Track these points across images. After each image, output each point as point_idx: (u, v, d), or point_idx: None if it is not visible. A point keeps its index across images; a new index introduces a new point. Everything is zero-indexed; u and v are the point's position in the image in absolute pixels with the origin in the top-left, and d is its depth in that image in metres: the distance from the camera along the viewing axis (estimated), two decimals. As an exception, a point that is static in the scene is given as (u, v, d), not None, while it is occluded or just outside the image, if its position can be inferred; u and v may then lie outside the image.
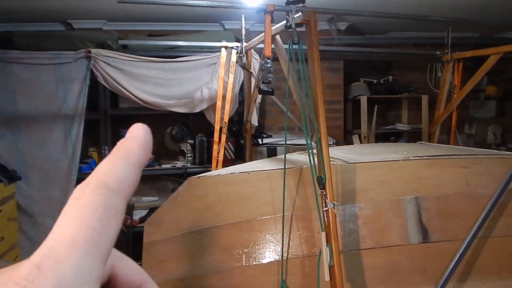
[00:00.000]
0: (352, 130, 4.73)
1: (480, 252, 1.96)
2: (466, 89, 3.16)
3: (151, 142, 0.29)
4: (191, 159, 3.81)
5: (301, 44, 1.69)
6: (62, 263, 0.22)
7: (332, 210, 1.58)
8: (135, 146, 0.28)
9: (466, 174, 2.08)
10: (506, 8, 3.71)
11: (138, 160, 0.27)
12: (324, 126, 1.65)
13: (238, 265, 1.96)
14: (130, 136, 0.28)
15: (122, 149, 0.27)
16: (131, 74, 3.44)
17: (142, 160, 0.27)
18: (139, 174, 0.27)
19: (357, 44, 4.38)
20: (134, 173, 0.27)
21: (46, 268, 0.21)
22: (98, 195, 0.25)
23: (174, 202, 2.23)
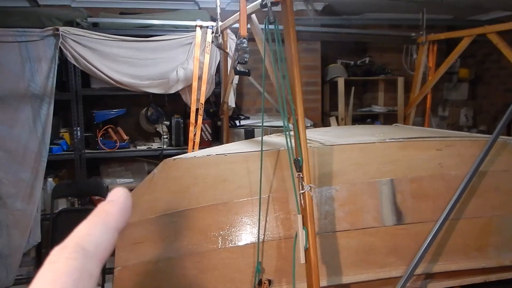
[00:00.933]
0: (329, 112, 4.74)
1: (451, 234, 2.01)
2: (440, 71, 3.19)
3: (130, 207, 0.30)
4: (167, 140, 3.75)
5: (277, 23, 1.66)
6: None
7: (308, 193, 1.57)
8: (114, 210, 0.29)
9: (439, 156, 2.11)
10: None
11: (116, 225, 0.28)
12: (301, 108, 1.63)
13: (214, 248, 1.95)
14: (109, 199, 0.29)
15: (102, 213, 0.28)
16: (103, 54, 3.33)
17: (120, 224, 0.29)
18: (116, 238, 0.28)
19: (333, 24, 4.36)
20: (111, 238, 0.28)
21: None
22: (74, 259, 0.25)
23: (149, 184, 2.19)
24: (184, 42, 3.44)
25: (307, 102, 4.35)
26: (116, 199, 0.29)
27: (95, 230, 0.27)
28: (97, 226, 0.28)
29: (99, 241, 0.27)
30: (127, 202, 0.30)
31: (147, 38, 3.44)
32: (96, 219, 0.28)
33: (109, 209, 0.29)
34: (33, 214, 3.33)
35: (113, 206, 0.29)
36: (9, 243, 3.30)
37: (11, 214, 3.28)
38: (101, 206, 0.29)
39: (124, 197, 0.30)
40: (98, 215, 0.28)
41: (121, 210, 0.29)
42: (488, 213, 2.07)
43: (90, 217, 0.28)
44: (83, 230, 0.27)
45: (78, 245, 0.26)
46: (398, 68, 4.84)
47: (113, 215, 0.29)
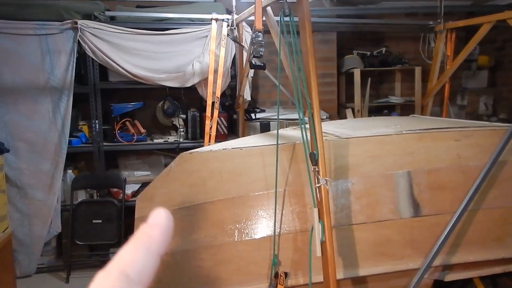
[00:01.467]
0: (345, 104, 4.71)
1: (469, 225, 1.99)
2: (459, 59, 3.13)
3: (172, 229, 0.29)
4: (183, 134, 3.78)
5: (292, 16, 1.65)
6: None
7: (324, 187, 1.58)
8: (156, 234, 0.28)
9: (457, 147, 2.08)
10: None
11: (158, 249, 0.28)
12: (317, 101, 1.63)
13: (230, 240, 1.97)
14: (151, 222, 0.29)
15: (144, 237, 0.28)
16: (120, 47, 3.36)
17: (162, 249, 0.28)
18: (158, 263, 0.28)
19: (349, 15, 4.30)
20: (153, 263, 0.28)
21: None
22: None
23: (166, 177, 2.22)
24: (200, 35, 3.45)
25: (322, 94, 4.32)
26: (158, 222, 0.29)
27: (138, 256, 0.27)
28: (140, 251, 0.28)
29: (142, 267, 0.27)
30: (168, 224, 0.29)
31: (163, 32, 3.46)
32: (138, 243, 0.28)
33: (151, 233, 0.28)
34: (54, 204, 3.41)
35: (155, 230, 0.29)
36: (30, 232, 3.40)
37: (32, 204, 3.37)
38: (143, 230, 0.29)
39: (166, 219, 0.29)
40: (141, 239, 0.28)
41: (163, 233, 0.29)
42: (507, 203, 2.04)
43: (132, 241, 0.28)
44: (127, 256, 0.27)
45: (122, 273, 0.26)
46: (415, 58, 4.76)
47: (155, 239, 0.28)
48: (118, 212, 3.45)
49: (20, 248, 3.38)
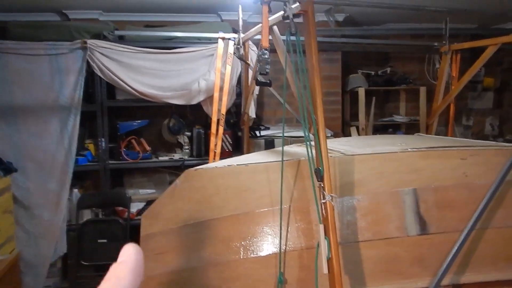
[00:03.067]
0: (350, 122, 4.72)
1: (478, 243, 1.97)
2: (463, 80, 3.15)
3: (142, 264, 0.29)
4: (188, 151, 3.80)
5: (298, 35, 1.67)
6: None
7: (330, 203, 1.57)
8: (125, 273, 0.28)
9: (464, 165, 2.07)
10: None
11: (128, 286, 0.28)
12: (322, 118, 1.64)
13: (236, 258, 1.95)
14: (121, 260, 0.29)
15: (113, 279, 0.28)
16: (128, 66, 3.41)
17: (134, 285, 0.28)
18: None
19: (355, 35, 4.36)
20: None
21: None
22: None
23: (171, 194, 2.22)
24: (206, 54, 3.50)
25: (327, 112, 4.34)
26: (127, 259, 0.29)
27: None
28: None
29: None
30: (138, 260, 0.29)
31: (171, 50, 3.51)
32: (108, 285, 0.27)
33: (120, 274, 0.28)
34: (60, 224, 3.41)
35: (124, 269, 0.28)
36: (37, 252, 3.38)
37: (39, 224, 3.36)
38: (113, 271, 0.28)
39: (135, 255, 0.29)
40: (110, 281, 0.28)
41: (132, 270, 0.29)
42: (516, 223, 2.02)
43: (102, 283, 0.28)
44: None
45: None
46: (420, 78, 4.80)
47: (125, 278, 0.28)
48: (123, 231, 3.44)
49: (26, 270, 3.35)
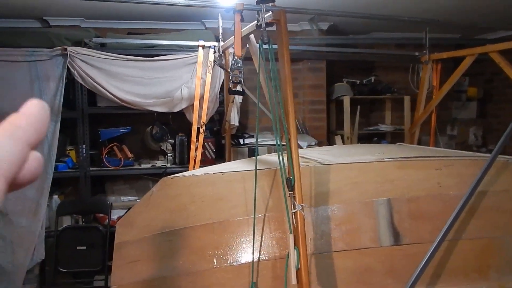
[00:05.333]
0: (335, 130, 4.73)
1: (450, 255, 1.97)
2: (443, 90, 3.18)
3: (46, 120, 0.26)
4: (171, 158, 3.77)
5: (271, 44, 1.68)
6: None
7: (300, 213, 1.57)
8: (23, 123, 0.25)
9: (438, 176, 2.08)
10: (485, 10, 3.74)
11: (26, 139, 0.25)
12: (294, 127, 1.64)
13: (210, 267, 1.93)
14: (21, 112, 0.26)
15: (7, 126, 0.25)
16: (109, 73, 3.39)
17: (32, 139, 0.25)
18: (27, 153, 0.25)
19: (339, 44, 4.38)
20: (18, 152, 0.24)
21: None
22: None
23: (147, 202, 2.20)
24: (188, 62, 3.49)
25: (312, 121, 4.35)
26: (28, 111, 0.26)
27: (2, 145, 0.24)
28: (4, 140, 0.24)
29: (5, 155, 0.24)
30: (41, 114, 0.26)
31: (153, 58, 3.50)
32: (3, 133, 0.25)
33: (17, 122, 0.25)
34: (38, 231, 3.36)
35: (23, 119, 0.26)
36: (13, 259, 3.32)
37: (16, 231, 3.31)
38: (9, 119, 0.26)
39: (38, 109, 0.26)
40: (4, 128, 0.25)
41: (33, 123, 0.26)
42: (489, 234, 2.03)
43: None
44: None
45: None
46: (405, 87, 4.83)
47: (23, 128, 0.25)
48: (103, 238, 3.40)
49: (1, 276, 3.30)
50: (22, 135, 0.25)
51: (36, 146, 0.26)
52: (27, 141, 0.25)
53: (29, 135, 0.25)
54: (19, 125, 0.25)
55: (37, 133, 0.26)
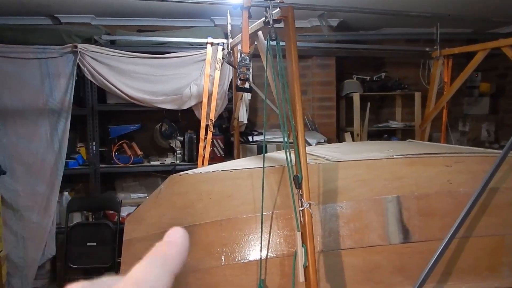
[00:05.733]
0: (345, 127, 4.71)
1: (461, 252, 1.95)
2: (455, 86, 3.13)
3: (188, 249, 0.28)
4: (180, 156, 3.78)
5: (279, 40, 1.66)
6: None
7: (308, 210, 1.56)
8: (173, 253, 0.27)
9: (448, 172, 2.06)
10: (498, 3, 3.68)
11: (173, 268, 0.26)
12: (301, 124, 1.63)
13: (217, 264, 1.94)
14: (168, 240, 0.28)
15: (160, 255, 0.26)
16: (119, 70, 3.41)
17: (177, 268, 0.27)
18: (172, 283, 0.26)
19: (349, 40, 4.35)
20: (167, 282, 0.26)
21: None
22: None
23: (155, 199, 2.21)
24: (197, 59, 3.49)
25: (321, 118, 4.33)
26: (175, 241, 0.28)
27: (152, 274, 0.25)
28: (154, 269, 0.26)
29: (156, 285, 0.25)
30: (185, 244, 0.28)
31: (162, 55, 3.51)
32: (153, 260, 0.26)
33: (167, 251, 0.27)
34: (49, 227, 3.40)
35: (172, 248, 0.27)
36: (25, 255, 3.37)
37: (27, 226, 3.36)
38: (160, 247, 0.27)
39: (183, 238, 0.28)
40: (156, 257, 0.26)
41: (180, 253, 0.27)
42: (500, 231, 2.00)
43: (148, 258, 0.26)
44: (140, 273, 0.25)
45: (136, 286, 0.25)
46: (416, 83, 4.78)
47: (172, 258, 0.27)
48: (113, 235, 3.43)
49: (13, 271, 3.35)
50: (171, 266, 0.26)
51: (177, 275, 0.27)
52: (174, 270, 0.27)
53: (176, 264, 0.27)
54: (169, 256, 0.27)
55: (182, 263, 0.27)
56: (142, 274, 0.26)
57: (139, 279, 0.25)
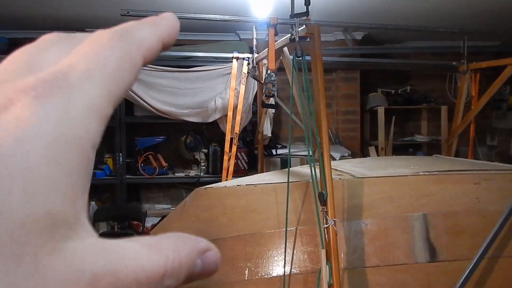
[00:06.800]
0: (369, 141, 4.67)
1: (490, 273, 1.90)
2: (483, 100, 3.08)
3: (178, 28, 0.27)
4: (204, 168, 3.82)
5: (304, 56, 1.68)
6: (75, 89, 0.20)
7: (332, 228, 1.55)
8: (162, 21, 0.26)
9: (477, 190, 2.02)
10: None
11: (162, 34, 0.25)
12: (327, 141, 1.63)
13: (241, 279, 1.94)
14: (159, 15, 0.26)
15: (149, 20, 0.25)
16: (146, 83, 3.48)
17: (166, 37, 0.25)
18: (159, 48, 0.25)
19: (373, 54, 4.33)
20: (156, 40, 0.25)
21: (58, 87, 0.19)
22: (120, 40, 0.22)
23: (180, 212, 2.24)
24: (223, 73, 3.54)
25: (345, 131, 4.31)
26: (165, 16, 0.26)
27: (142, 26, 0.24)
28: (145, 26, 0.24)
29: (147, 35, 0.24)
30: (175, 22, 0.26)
31: (188, 69, 3.57)
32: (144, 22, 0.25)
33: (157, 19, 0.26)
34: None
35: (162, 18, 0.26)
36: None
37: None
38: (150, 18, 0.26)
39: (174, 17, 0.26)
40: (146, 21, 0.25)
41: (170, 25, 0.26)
42: (532, 252, 1.94)
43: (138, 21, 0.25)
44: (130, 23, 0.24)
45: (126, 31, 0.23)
46: (442, 96, 4.71)
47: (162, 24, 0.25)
48: (138, 245, 3.46)
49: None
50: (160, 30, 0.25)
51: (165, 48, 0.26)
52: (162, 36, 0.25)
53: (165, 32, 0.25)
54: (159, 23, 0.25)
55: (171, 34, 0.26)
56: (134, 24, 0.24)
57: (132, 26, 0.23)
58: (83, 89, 0.20)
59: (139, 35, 0.24)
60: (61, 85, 0.19)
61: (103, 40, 0.22)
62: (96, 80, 0.20)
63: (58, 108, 0.19)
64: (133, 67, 0.23)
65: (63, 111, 0.19)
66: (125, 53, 0.22)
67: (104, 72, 0.21)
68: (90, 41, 0.22)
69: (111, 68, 0.21)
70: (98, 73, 0.21)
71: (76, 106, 0.19)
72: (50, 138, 0.18)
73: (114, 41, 0.22)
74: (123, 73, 0.22)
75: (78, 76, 0.20)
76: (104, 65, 0.21)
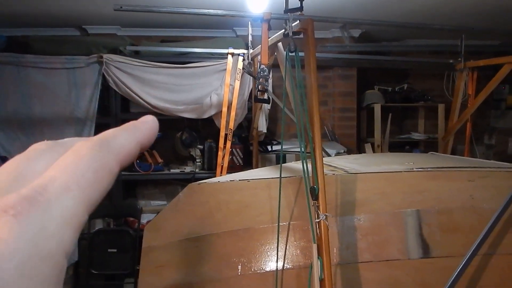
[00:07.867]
0: (366, 138, 4.66)
1: (484, 270, 1.89)
2: (479, 99, 3.07)
3: (156, 130, 0.30)
4: (200, 164, 3.82)
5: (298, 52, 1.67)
6: (53, 202, 0.22)
7: (324, 222, 1.55)
8: (141, 126, 0.29)
9: (471, 187, 2.01)
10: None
11: (141, 138, 0.28)
12: (319, 136, 1.62)
13: (234, 274, 1.93)
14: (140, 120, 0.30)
15: (129, 125, 0.28)
16: (142, 80, 3.47)
17: (144, 140, 0.28)
18: (137, 152, 0.28)
19: (371, 51, 4.32)
20: (134, 146, 0.27)
21: (36, 203, 0.21)
22: (97, 151, 0.25)
23: (174, 208, 2.23)
24: (218, 69, 3.53)
25: (341, 128, 4.30)
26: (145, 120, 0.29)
27: (121, 135, 0.27)
28: (123, 132, 0.27)
29: (124, 144, 0.27)
30: (154, 125, 0.29)
31: (184, 65, 3.56)
32: (123, 128, 0.28)
33: (137, 124, 0.29)
34: (71, 232, 3.45)
35: (141, 123, 0.29)
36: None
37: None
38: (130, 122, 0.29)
39: (153, 120, 0.30)
40: (126, 126, 0.28)
41: (148, 128, 0.29)
42: (526, 249, 1.94)
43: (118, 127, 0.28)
44: (110, 132, 0.27)
45: (103, 140, 0.26)
46: (440, 95, 4.70)
47: (140, 129, 0.28)
48: (133, 242, 3.46)
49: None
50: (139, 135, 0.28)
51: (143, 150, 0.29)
52: (141, 141, 0.28)
53: (143, 137, 0.28)
54: (138, 128, 0.28)
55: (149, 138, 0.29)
56: (112, 132, 0.27)
57: (108, 134, 0.26)
58: (60, 202, 0.22)
59: (117, 143, 0.27)
60: (40, 200, 0.21)
61: (83, 152, 0.25)
62: (73, 191, 0.23)
63: (34, 225, 0.21)
64: (110, 174, 0.25)
65: (39, 228, 0.21)
66: (103, 163, 0.25)
67: (81, 183, 0.23)
68: (72, 152, 0.25)
69: (88, 178, 0.24)
70: (75, 185, 0.23)
71: (51, 221, 0.21)
72: (25, 255, 0.20)
73: (93, 152, 0.25)
74: (99, 181, 0.24)
75: (57, 189, 0.22)
76: (82, 175, 0.23)
